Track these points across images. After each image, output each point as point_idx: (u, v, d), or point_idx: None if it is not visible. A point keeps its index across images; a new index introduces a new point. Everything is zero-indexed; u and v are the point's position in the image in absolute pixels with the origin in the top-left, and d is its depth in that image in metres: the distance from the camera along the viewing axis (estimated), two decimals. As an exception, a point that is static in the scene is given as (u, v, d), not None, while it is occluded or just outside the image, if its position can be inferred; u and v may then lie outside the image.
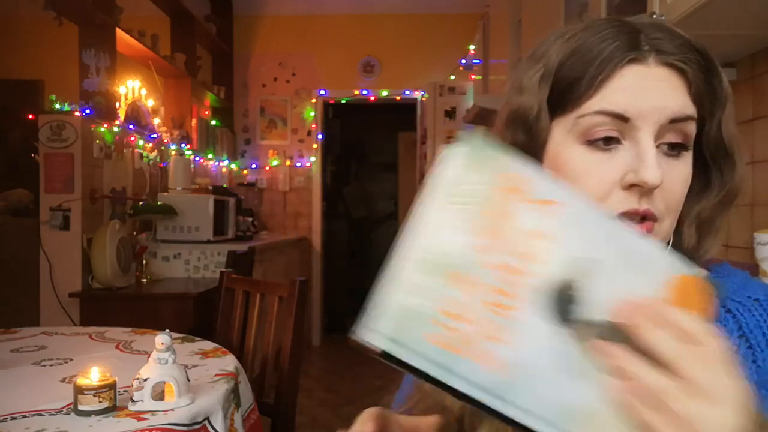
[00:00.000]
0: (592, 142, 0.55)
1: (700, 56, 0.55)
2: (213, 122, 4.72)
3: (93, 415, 1.08)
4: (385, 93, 5.16)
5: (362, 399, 3.66)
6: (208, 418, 1.17)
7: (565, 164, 0.56)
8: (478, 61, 4.26)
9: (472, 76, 4.55)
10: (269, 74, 5.20)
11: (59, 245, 2.74)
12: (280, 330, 1.84)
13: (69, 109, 2.76)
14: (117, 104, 3.12)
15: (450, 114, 4.63)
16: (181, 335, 1.75)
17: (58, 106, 2.75)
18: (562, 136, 0.56)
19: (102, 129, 2.91)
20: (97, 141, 2.87)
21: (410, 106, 5.35)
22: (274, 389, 1.78)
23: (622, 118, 0.53)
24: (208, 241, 3.38)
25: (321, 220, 5.30)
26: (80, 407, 1.08)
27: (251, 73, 5.21)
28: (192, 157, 3.99)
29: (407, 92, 5.17)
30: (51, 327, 1.87)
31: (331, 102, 5.40)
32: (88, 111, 2.80)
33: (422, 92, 5.06)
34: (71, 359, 1.46)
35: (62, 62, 3.67)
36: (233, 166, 5.13)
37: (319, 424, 3.40)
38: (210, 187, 3.89)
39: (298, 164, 5.21)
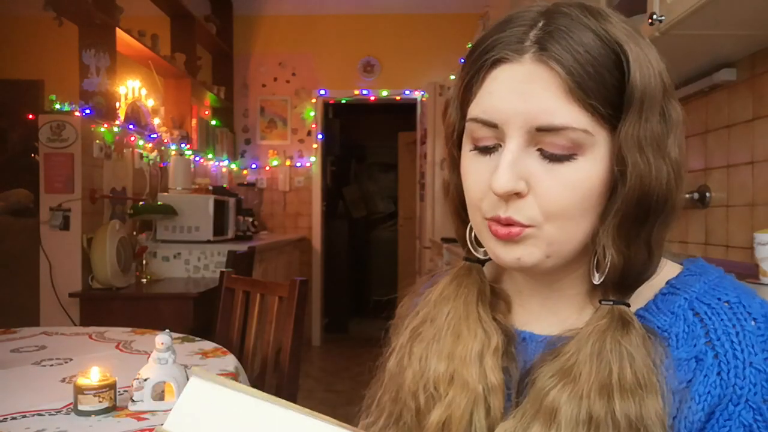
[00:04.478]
0: (476, 147, 0.55)
1: (603, 49, 0.49)
2: (213, 122, 4.72)
3: (93, 415, 1.08)
4: (385, 93, 5.16)
5: (362, 399, 3.64)
6: (208, 418, 1.16)
7: (462, 167, 0.57)
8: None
9: (472, 76, 4.54)
10: (269, 74, 5.20)
11: (59, 245, 2.74)
12: (280, 330, 1.84)
13: (69, 109, 2.76)
14: (117, 104, 3.12)
15: (450, 114, 4.63)
16: (181, 335, 1.74)
17: (58, 106, 2.75)
18: (465, 140, 0.57)
19: (102, 129, 2.91)
20: (97, 141, 2.87)
21: (410, 106, 5.35)
22: (274, 389, 1.78)
23: (491, 125, 0.52)
24: (208, 241, 3.38)
25: (321, 220, 5.30)
26: (80, 407, 1.08)
27: (251, 73, 5.21)
28: (192, 157, 3.99)
29: (407, 92, 5.17)
30: (51, 327, 1.87)
31: (331, 102, 5.40)
32: (88, 111, 2.80)
33: (422, 92, 5.06)
34: (71, 359, 1.46)
35: (62, 62, 3.67)
36: (233, 166, 5.13)
37: (319, 424, 3.39)
38: (210, 187, 3.89)
39: (298, 164, 5.21)
